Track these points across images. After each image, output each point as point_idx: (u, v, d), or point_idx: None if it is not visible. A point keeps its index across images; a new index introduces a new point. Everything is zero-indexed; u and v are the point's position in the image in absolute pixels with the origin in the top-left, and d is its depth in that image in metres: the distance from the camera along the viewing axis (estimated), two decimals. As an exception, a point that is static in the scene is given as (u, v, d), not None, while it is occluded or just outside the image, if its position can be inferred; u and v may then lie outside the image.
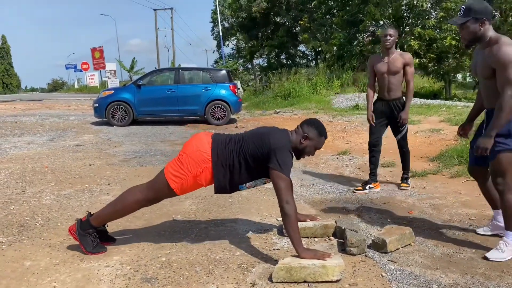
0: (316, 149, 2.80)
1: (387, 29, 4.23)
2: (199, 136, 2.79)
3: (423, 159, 5.65)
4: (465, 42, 2.71)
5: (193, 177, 2.63)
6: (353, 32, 20.13)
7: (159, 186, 2.70)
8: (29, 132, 8.52)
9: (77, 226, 2.72)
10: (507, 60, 2.46)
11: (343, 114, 10.81)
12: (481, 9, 2.59)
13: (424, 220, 3.42)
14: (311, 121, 2.79)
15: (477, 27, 2.59)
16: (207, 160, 2.62)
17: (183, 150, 2.75)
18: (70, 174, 4.95)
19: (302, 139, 2.71)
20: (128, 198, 2.75)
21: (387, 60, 4.24)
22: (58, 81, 72.83)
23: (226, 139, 2.72)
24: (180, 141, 7.77)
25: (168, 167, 2.71)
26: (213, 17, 34.79)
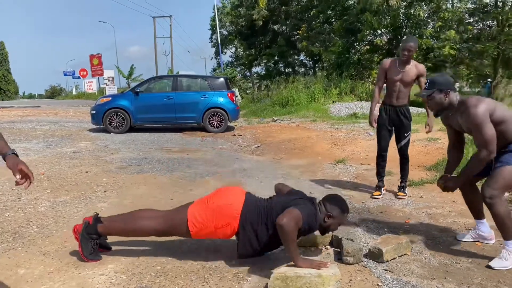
0: (340, 225, 2.79)
1: (407, 43, 4.17)
2: (233, 190, 2.79)
3: (420, 168, 5.65)
4: (434, 111, 2.95)
5: (214, 228, 2.59)
6: (351, 41, 20.26)
7: (177, 223, 2.65)
8: (25, 138, 8.50)
9: (83, 227, 2.69)
10: (478, 122, 2.63)
11: (340, 123, 10.83)
12: (443, 82, 2.83)
13: (421, 229, 3.42)
14: (333, 199, 2.80)
15: (442, 98, 2.81)
16: (234, 218, 2.59)
17: (213, 197, 2.71)
18: (66, 181, 4.93)
19: (326, 217, 2.69)
20: (141, 223, 2.70)
21: (403, 70, 4.23)
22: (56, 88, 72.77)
23: (258, 202, 2.70)
24: (177, 149, 7.76)
25: (193, 208, 2.66)
26: (212, 24, 34.93)
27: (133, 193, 4.50)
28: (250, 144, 8.45)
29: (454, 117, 2.87)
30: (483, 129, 2.61)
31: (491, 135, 2.61)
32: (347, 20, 19.64)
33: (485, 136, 2.61)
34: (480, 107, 2.64)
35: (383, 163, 4.54)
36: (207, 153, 7.36)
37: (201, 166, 6.08)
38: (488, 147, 2.62)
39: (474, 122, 2.65)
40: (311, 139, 8.33)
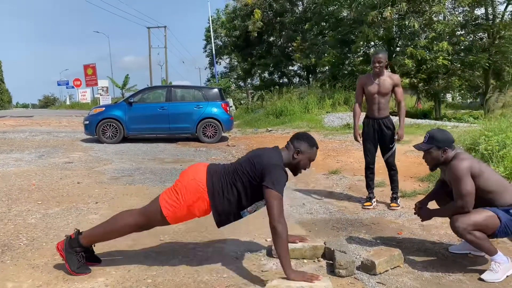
0: (311, 161, 2.83)
1: (377, 55, 4.31)
2: (196, 166, 2.81)
3: (413, 179, 5.67)
4: (429, 166, 3.00)
5: (186, 207, 2.61)
6: (345, 52, 20.45)
7: (152, 213, 2.67)
8: (17, 149, 8.43)
9: (66, 243, 2.68)
10: (458, 175, 2.68)
11: (334, 133, 10.87)
12: (442, 139, 2.85)
13: (414, 241, 3.41)
14: (299, 135, 2.84)
15: (439, 154, 2.85)
16: (201, 190, 2.61)
17: (178, 179, 2.75)
18: (58, 192, 4.88)
19: (295, 154, 2.73)
20: (119, 222, 2.73)
21: (378, 82, 4.36)
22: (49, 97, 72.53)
23: (221, 169, 2.74)
24: (170, 159, 7.73)
25: (163, 194, 2.70)
26: (207, 35, 35.12)
27: (125, 204, 4.46)
28: (243, 154, 8.43)
29: (444, 171, 2.95)
30: (462, 182, 2.65)
31: (469, 190, 2.64)
32: (341, 31, 19.84)
33: (463, 190, 2.65)
34: (463, 162, 2.69)
35: (372, 175, 4.59)
36: (200, 163, 7.32)
37: (194, 177, 6.04)
38: (464, 200, 2.65)
39: (454, 174, 2.69)
40: (304, 149, 8.33)
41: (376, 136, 4.47)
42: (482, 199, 2.70)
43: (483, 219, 2.63)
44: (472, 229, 2.61)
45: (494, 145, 5.41)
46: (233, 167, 2.71)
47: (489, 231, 2.65)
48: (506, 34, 16.77)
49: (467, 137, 6.75)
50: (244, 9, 24.84)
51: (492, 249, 2.68)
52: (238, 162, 2.75)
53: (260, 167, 2.56)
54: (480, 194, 2.67)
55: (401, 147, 7.56)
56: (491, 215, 2.64)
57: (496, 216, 2.63)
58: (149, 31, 39.18)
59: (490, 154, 5.59)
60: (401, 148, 7.34)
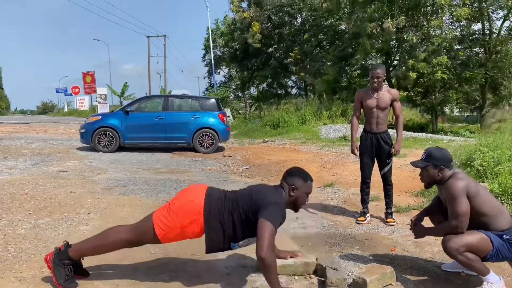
0: (308, 195, 2.79)
1: (375, 70, 4.30)
2: (195, 187, 2.78)
3: (407, 194, 5.65)
4: (425, 183, 2.98)
5: (180, 228, 2.57)
6: (343, 66, 20.58)
7: (144, 230, 2.64)
8: (12, 156, 8.38)
9: (54, 255, 2.64)
10: (453, 195, 2.66)
11: (330, 145, 10.86)
12: (440, 157, 2.84)
13: (407, 258, 3.39)
14: (292, 171, 2.80)
15: (436, 173, 2.84)
16: (198, 212, 2.57)
17: (175, 197, 2.72)
18: (50, 202, 4.84)
19: (291, 191, 2.69)
20: (110, 237, 2.69)
21: (377, 96, 4.36)
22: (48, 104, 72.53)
23: (221, 195, 2.70)
24: (165, 169, 7.70)
25: (158, 212, 2.66)
26: (206, 44, 35.27)
27: (116, 215, 4.43)
28: (239, 165, 8.42)
29: (441, 189, 2.92)
30: (457, 202, 2.63)
31: (464, 210, 2.62)
32: (339, 46, 20.00)
33: (458, 209, 2.63)
34: (459, 182, 2.67)
35: (367, 189, 4.57)
36: (195, 174, 7.31)
37: (189, 188, 6.01)
38: (459, 220, 2.63)
39: (450, 193, 2.68)
40: (300, 161, 8.32)
41: (373, 150, 4.46)
42: (476, 222, 2.68)
43: (476, 241, 2.61)
44: (464, 250, 2.59)
45: (489, 161, 5.40)
46: (233, 197, 2.66)
47: (481, 254, 2.62)
48: (502, 50, 16.91)
49: (462, 152, 6.75)
50: (242, 21, 25.02)
51: (484, 269, 2.65)
52: (238, 193, 2.71)
53: (260, 203, 2.53)
54: (474, 216, 2.65)
55: (396, 161, 7.55)
56: (484, 237, 2.62)
57: (489, 240, 2.61)
58: (148, 40, 39.32)
59: (485, 170, 5.59)
60: (396, 162, 7.32)
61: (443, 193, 2.85)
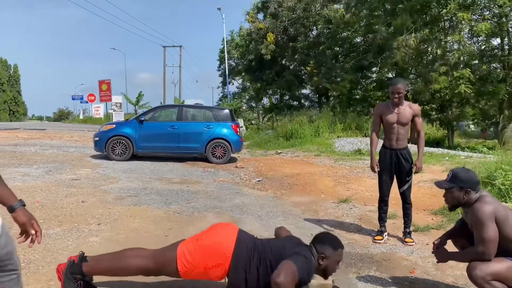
0: (338, 263, 2.66)
1: (395, 85, 4.17)
2: (226, 228, 2.67)
3: (425, 212, 5.47)
4: (448, 205, 2.84)
5: (203, 268, 2.47)
6: (359, 78, 20.45)
7: (166, 262, 2.52)
8: (26, 163, 8.41)
9: (67, 267, 2.55)
10: (480, 219, 2.52)
11: (344, 159, 10.69)
12: (466, 179, 2.69)
13: (427, 281, 3.23)
14: (322, 238, 2.67)
15: (461, 195, 2.70)
16: (225, 258, 2.47)
17: (205, 234, 2.60)
18: (61, 211, 4.79)
19: (320, 260, 2.56)
20: (129, 261, 2.58)
21: (398, 111, 4.23)
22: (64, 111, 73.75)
23: (251, 243, 2.58)
24: (177, 179, 7.63)
25: (184, 245, 2.54)
26: (221, 55, 35.58)
27: (127, 227, 4.35)
28: (252, 177, 8.31)
29: (466, 212, 2.78)
30: (484, 227, 2.49)
31: (492, 236, 2.47)
32: (355, 57, 19.88)
33: (485, 235, 2.49)
34: (487, 206, 2.54)
35: (385, 207, 4.43)
36: (207, 185, 7.22)
37: (200, 199, 5.93)
38: (486, 246, 2.48)
39: (477, 217, 2.54)
40: (314, 175, 8.18)
41: (393, 167, 4.32)
42: (504, 248, 2.51)
43: (504, 270, 2.45)
44: (491, 278, 2.44)
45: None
46: (263, 247, 2.54)
47: (510, 283, 2.46)
48: (522, 65, 16.55)
49: (482, 169, 6.55)
50: (258, 32, 25.12)
51: None
52: (269, 244, 2.59)
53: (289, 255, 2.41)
54: (502, 243, 2.50)
55: (413, 177, 7.37)
56: None
57: None
58: (164, 50, 39.85)
59: (508, 189, 5.39)
60: (414, 178, 7.12)
61: (468, 217, 2.69)
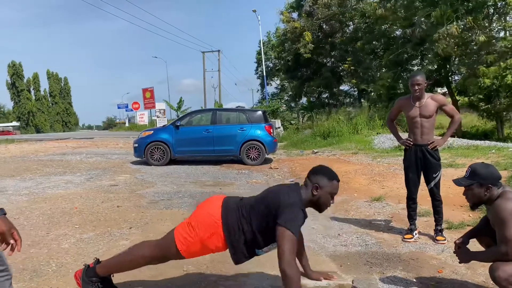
0: (333, 196, 2.63)
1: (415, 77, 4.04)
2: (211, 200, 2.75)
3: (462, 208, 5.21)
4: (470, 203, 2.70)
5: (200, 241, 2.54)
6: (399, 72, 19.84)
7: (167, 246, 2.62)
8: (71, 171, 8.87)
9: (83, 272, 2.70)
10: (502, 217, 2.39)
11: (383, 156, 10.41)
12: (486, 175, 2.55)
13: (455, 282, 3.08)
14: (317, 169, 2.68)
15: (482, 192, 2.55)
16: (216, 225, 2.53)
17: (194, 211, 2.70)
18: (96, 216, 5.01)
19: (314, 190, 2.56)
20: (135, 253, 2.71)
21: (419, 105, 4.10)
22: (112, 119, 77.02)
23: (237, 203, 2.64)
24: (211, 182, 7.76)
25: (179, 227, 2.65)
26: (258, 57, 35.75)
27: (157, 230, 4.48)
28: (285, 178, 8.29)
29: (489, 210, 2.65)
30: (507, 226, 2.35)
31: None
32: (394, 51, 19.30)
33: (507, 233, 2.35)
34: (510, 202, 2.40)
35: (414, 205, 4.28)
36: (240, 187, 7.29)
37: (231, 201, 5.99)
38: (509, 246, 2.34)
39: (499, 215, 2.41)
40: (349, 173, 8.03)
41: (419, 164, 4.17)
42: None
43: None
44: None
45: None
46: (250, 204, 2.60)
47: None
48: None
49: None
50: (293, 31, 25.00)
51: None
52: (254, 199, 2.65)
53: (276, 207, 2.43)
54: None
55: (452, 171, 7.06)
56: None
57: None
58: (203, 55, 40.60)
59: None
60: (452, 173, 6.84)
61: (490, 214, 2.55)
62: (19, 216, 4.93)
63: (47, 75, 71.24)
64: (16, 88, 65.15)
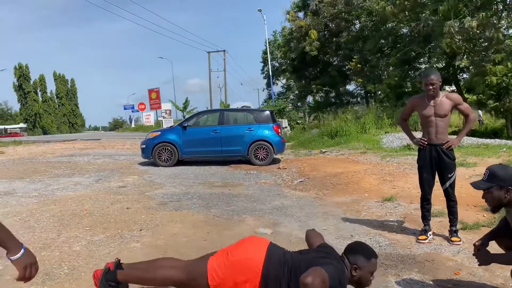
0: (372, 273, 2.49)
1: (428, 77, 3.96)
2: (256, 241, 2.62)
3: (476, 208, 5.14)
4: (490, 207, 2.63)
5: (233, 283, 2.43)
6: (407, 70, 19.70)
7: (197, 275, 2.50)
8: (79, 172, 8.88)
9: (103, 274, 2.63)
10: None
11: (392, 155, 10.32)
12: (505, 177, 2.47)
13: (472, 284, 3.02)
14: (354, 248, 2.53)
15: (502, 195, 2.47)
16: (255, 273, 2.41)
17: (235, 247, 2.58)
18: (106, 218, 5.00)
19: (353, 271, 2.42)
20: (160, 272, 2.61)
21: (434, 104, 4.02)
22: (118, 120, 77.38)
23: (282, 257, 2.49)
24: (219, 183, 7.73)
25: (213, 259, 2.52)
26: (264, 57, 35.71)
27: (167, 232, 4.46)
28: (294, 178, 8.24)
29: (509, 212, 2.59)
30: None
31: None
32: (401, 49, 19.16)
33: None
34: None
35: (428, 206, 4.21)
36: (249, 187, 7.25)
37: (240, 202, 5.96)
38: None
39: None
40: (358, 173, 7.96)
41: (433, 164, 4.10)
42: None
43: None
44: None
45: None
46: (294, 264, 2.45)
47: None
48: None
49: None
50: (299, 30, 24.93)
51: None
52: (300, 257, 2.51)
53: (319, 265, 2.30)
54: None
55: (465, 171, 6.98)
56: None
57: None
58: (209, 55, 40.62)
59: None
60: (465, 173, 6.77)
61: (510, 216, 2.49)
62: (30, 219, 4.93)
63: (53, 76, 71.69)
64: (23, 90, 65.59)
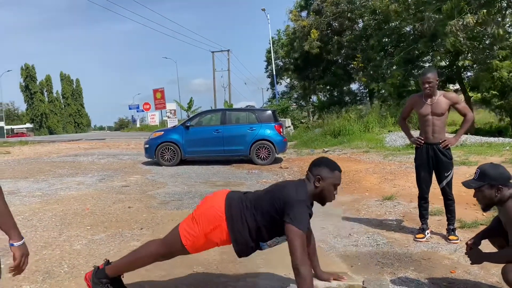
0: (336, 187, 2.59)
1: (425, 76, 3.98)
2: (215, 194, 2.75)
3: (475, 207, 5.13)
4: (482, 205, 2.65)
5: (204, 235, 2.54)
6: (410, 69, 19.63)
7: (172, 242, 2.64)
8: (83, 172, 8.96)
9: (93, 274, 2.72)
10: None
11: (395, 154, 10.31)
12: (496, 176, 2.50)
13: (468, 282, 3.04)
14: (317, 161, 2.65)
15: (493, 193, 2.50)
16: (219, 218, 2.53)
17: (198, 206, 2.71)
18: (108, 217, 5.06)
19: (316, 182, 2.52)
20: (142, 251, 2.75)
21: (431, 102, 4.05)
22: (124, 120, 77.74)
23: (242, 197, 2.65)
24: (221, 182, 7.77)
25: (183, 223, 2.66)
26: (267, 56, 35.72)
27: (167, 230, 4.40)
28: (295, 177, 8.26)
29: (500, 211, 2.61)
30: None
31: None
32: (404, 48, 19.09)
33: None
34: None
35: (426, 204, 4.23)
36: (250, 187, 7.29)
37: (241, 202, 6.00)
38: None
39: (510, 215, 2.38)
40: (359, 172, 7.98)
41: (430, 162, 4.12)
42: None
43: None
44: None
45: None
46: (255, 198, 2.60)
47: None
48: None
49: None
50: (302, 30, 24.92)
51: None
52: (259, 193, 2.65)
53: (282, 202, 2.42)
54: None
55: (467, 169, 6.96)
56: None
57: None
58: (213, 55, 40.74)
59: None
60: (465, 171, 6.75)
61: (502, 215, 2.51)
62: (32, 218, 5.00)
63: (60, 77, 72.22)
64: (30, 90, 66.14)
